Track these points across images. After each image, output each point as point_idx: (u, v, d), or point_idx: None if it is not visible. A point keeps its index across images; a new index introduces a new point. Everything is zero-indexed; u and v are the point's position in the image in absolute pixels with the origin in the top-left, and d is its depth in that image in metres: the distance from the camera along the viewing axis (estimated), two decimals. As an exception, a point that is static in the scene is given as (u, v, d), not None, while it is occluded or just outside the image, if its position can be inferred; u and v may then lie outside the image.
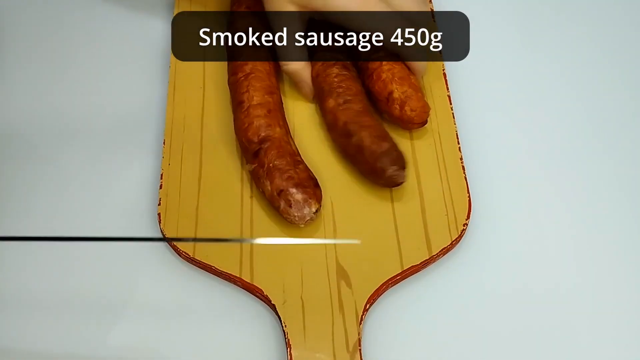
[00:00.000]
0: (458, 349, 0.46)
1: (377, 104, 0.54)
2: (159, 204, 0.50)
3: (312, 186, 0.49)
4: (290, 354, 0.44)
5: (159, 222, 0.49)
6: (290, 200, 0.48)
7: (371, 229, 0.50)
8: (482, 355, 0.46)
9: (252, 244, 0.48)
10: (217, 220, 0.50)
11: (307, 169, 0.50)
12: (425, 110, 0.53)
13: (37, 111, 0.56)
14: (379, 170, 0.49)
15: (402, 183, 0.50)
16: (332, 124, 0.52)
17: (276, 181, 0.48)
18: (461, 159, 0.53)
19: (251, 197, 0.51)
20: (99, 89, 0.58)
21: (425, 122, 0.53)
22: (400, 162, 0.49)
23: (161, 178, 0.51)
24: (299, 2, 0.53)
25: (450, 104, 0.56)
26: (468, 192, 0.51)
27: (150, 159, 0.53)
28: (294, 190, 0.48)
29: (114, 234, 0.50)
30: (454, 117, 0.56)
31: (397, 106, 0.52)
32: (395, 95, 0.52)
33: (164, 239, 0.49)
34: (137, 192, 0.52)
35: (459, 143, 0.54)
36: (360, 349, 0.44)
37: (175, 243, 0.48)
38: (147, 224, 0.50)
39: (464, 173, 0.52)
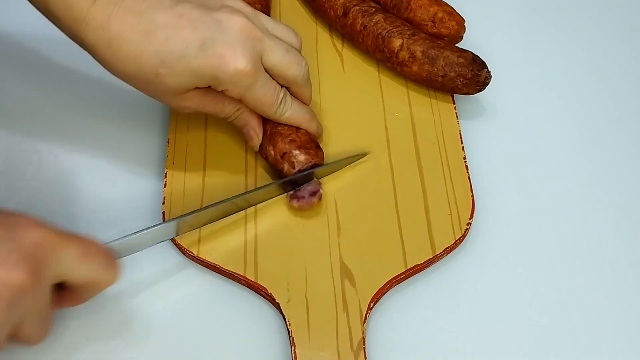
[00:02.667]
0: (462, 347, 0.46)
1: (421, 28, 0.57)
2: (163, 203, 0.50)
3: (314, 147, 0.50)
4: (295, 352, 0.44)
5: (163, 221, 0.49)
6: (293, 162, 0.49)
7: (375, 228, 0.50)
8: (486, 355, 0.46)
9: (256, 244, 0.48)
10: (220, 220, 0.49)
11: (308, 133, 0.51)
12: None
13: (43, 106, 0.56)
14: (474, 76, 0.54)
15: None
16: (410, 57, 0.55)
17: (279, 145, 0.50)
18: (465, 158, 0.53)
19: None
20: (103, 85, 0.58)
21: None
22: (484, 63, 0.55)
23: (165, 177, 0.51)
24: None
25: (454, 103, 0.57)
26: (472, 192, 0.52)
27: (155, 157, 0.54)
28: (297, 152, 0.49)
29: (118, 232, 0.50)
30: (457, 117, 0.56)
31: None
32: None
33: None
34: (141, 190, 0.52)
35: (462, 142, 0.54)
36: (364, 348, 0.44)
37: (179, 242, 0.48)
38: (151, 223, 0.50)
39: (468, 172, 0.52)
